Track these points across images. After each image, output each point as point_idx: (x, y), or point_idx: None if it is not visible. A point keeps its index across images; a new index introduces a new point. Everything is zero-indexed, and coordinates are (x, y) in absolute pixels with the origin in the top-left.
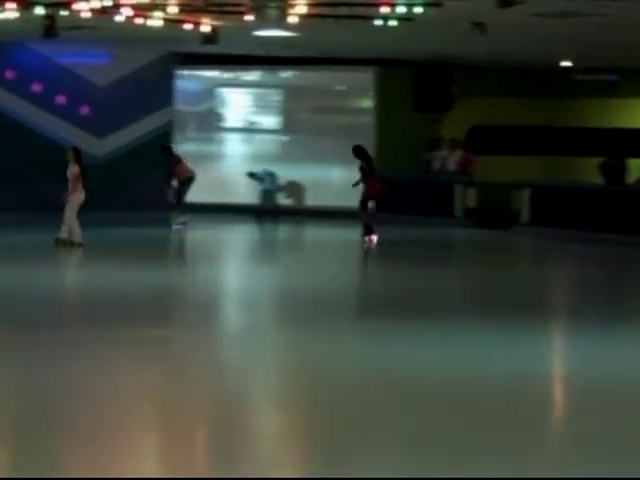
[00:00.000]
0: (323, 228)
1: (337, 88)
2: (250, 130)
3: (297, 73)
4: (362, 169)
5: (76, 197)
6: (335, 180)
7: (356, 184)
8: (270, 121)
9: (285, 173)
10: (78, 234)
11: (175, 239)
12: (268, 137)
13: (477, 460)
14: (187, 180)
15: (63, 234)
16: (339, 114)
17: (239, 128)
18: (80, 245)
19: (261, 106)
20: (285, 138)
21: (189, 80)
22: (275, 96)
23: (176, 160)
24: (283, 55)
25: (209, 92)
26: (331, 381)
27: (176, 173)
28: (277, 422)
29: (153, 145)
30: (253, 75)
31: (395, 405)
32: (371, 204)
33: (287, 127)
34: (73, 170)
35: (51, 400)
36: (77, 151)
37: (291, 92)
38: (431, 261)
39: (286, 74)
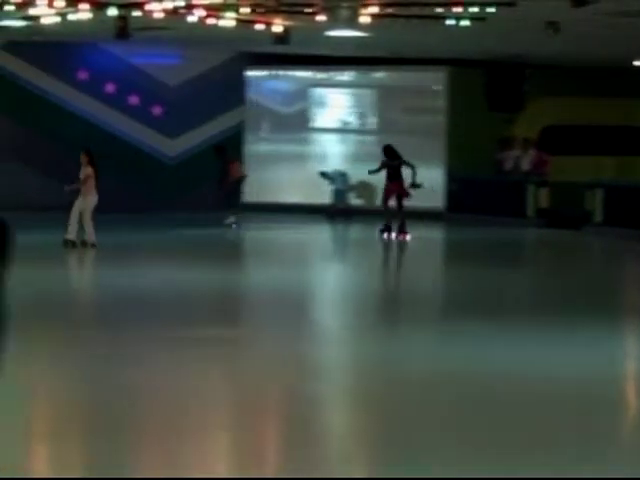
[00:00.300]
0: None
1: (434, 88)
2: (341, 130)
3: (390, 73)
4: (388, 168)
5: (89, 200)
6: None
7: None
8: (363, 121)
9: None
10: (92, 235)
11: (247, 239)
12: (360, 137)
13: (549, 462)
14: (239, 180)
15: (70, 235)
16: (432, 114)
17: (330, 128)
18: (93, 246)
19: (353, 106)
20: (376, 138)
21: (283, 80)
22: (368, 96)
23: (230, 160)
24: (354, 55)
25: (302, 92)
26: (404, 381)
27: (229, 173)
28: (350, 421)
29: (225, 146)
30: (347, 75)
31: (467, 407)
32: (392, 202)
33: (380, 127)
34: (86, 172)
35: (122, 400)
36: (90, 153)
37: (384, 92)
38: (503, 261)
39: (379, 74)
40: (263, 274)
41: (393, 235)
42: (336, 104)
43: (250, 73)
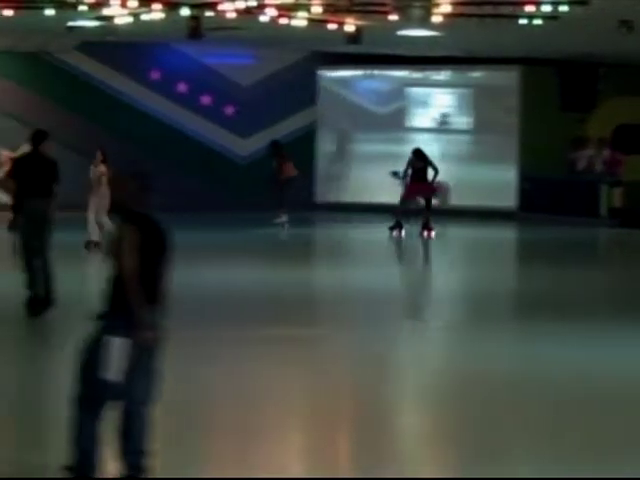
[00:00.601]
0: (467, 228)
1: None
2: (436, 130)
3: (488, 73)
4: (413, 169)
5: (102, 200)
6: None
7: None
8: (459, 121)
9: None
10: (94, 234)
11: (320, 239)
12: (455, 137)
13: (628, 461)
14: (290, 180)
15: (93, 236)
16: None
17: (425, 128)
18: (96, 245)
19: (449, 106)
20: (473, 138)
21: (378, 80)
22: (464, 96)
23: (285, 158)
24: (426, 55)
25: (398, 92)
26: (478, 381)
27: (282, 171)
28: (423, 421)
29: (296, 145)
30: (443, 75)
31: (541, 407)
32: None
33: (477, 127)
34: (99, 170)
35: (202, 400)
36: (105, 152)
37: (481, 92)
38: (577, 261)
39: (476, 74)
40: (338, 273)
41: (403, 233)
42: (429, 104)
43: (344, 73)
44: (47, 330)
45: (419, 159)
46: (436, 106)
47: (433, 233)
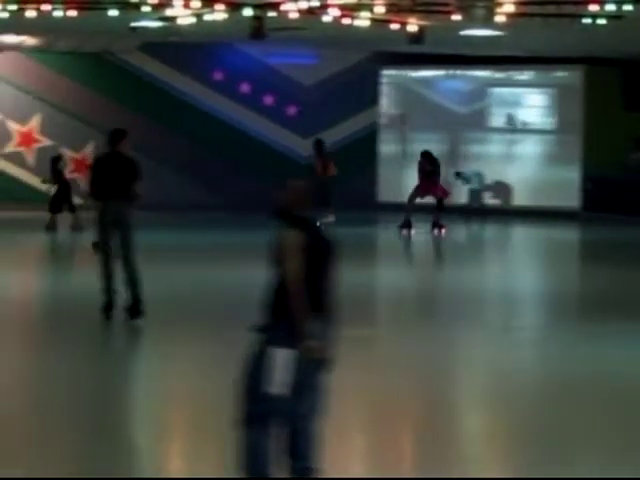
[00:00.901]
0: (531, 228)
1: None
2: (519, 130)
3: (569, 73)
4: (422, 171)
5: None
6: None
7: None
8: (541, 122)
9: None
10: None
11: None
12: (537, 137)
13: None
14: (332, 179)
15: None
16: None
17: (506, 128)
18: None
19: (531, 106)
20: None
21: (460, 80)
22: (547, 96)
23: (326, 157)
24: (487, 54)
25: (481, 92)
26: (545, 381)
27: (325, 170)
28: (488, 421)
29: (358, 146)
30: (526, 75)
31: (611, 407)
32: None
33: (560, 128)
34: None
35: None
36: None
37: (564, 92)
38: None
39: (560, 73)
40: (395, 272)
41: (413, 232)
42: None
43: (428, 73)
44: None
45: (428, 162)
46: (508, 106)
47: (444, 231)
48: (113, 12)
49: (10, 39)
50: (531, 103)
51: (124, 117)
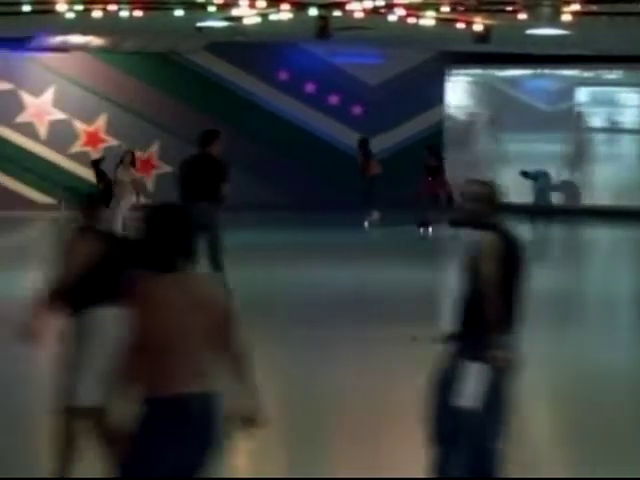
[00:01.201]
0: (599, 228)
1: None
2: (610, 130)
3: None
4: (427, 167)
5: (127, 202)
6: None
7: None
8: (632, 121)
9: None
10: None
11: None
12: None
13: None
14: (376, 177)
15: None
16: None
17: (599, 128)
18: None
19: (622, 105)
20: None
21: (548, 79)
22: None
23: (369, 156)
24: (554, 54)
25: (569, 91)
26: (604, 383)
27: (368, 169)
28: (546, 421)
29: (423, 146)
30: (615, 74)
31: None
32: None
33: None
34: (129, 174)
35: (329, 399)
36: (134, 155)
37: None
38: None
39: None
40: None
41: (430, 230)
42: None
43: (515, 72)
44: None
45: (433, 156)
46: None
47: (430, 229)
48: (179, 12)
49: (77, 39)
50: (622, 102)
51: (190, 117)
